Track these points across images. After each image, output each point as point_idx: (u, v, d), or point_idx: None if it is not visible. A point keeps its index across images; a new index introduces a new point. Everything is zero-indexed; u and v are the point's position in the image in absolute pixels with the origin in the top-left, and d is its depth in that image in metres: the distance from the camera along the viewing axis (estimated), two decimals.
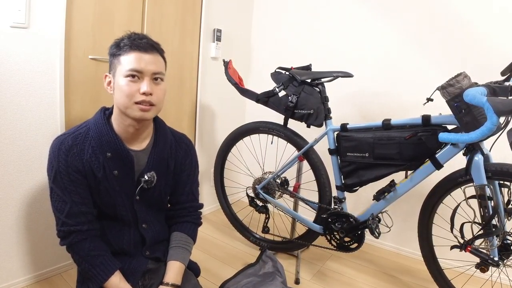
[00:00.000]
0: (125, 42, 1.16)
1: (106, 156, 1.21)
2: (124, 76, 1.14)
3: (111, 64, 1.20)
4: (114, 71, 1.18)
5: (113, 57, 1.18)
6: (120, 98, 1.15)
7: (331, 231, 1.92)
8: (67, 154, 1.17)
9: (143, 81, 1.15)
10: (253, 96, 2.06)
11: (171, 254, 1.34)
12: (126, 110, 1.16)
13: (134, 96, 1.14)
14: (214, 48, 2.72)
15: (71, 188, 1.18)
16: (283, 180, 2.16)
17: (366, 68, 2.45)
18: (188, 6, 2.47)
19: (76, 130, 1.22)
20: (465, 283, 1.85)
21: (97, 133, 1.20)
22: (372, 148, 1.69)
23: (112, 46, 1.20)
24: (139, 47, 1.15)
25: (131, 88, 1.14)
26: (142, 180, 1.27)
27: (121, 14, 2.02)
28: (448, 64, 2.13)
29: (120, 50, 1.16)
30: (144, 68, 1.15)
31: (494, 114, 1.20)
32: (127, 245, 1.32)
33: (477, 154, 1.48)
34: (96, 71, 1.94)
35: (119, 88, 1.15)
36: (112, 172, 1.23)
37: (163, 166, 1.35)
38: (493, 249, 1.51)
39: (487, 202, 1.47)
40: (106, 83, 1.22)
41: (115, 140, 1.21)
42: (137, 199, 1.30)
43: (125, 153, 1.23)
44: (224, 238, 2.50)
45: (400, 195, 1.72)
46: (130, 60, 1.14)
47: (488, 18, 2.02)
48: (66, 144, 1.18)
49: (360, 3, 2.49)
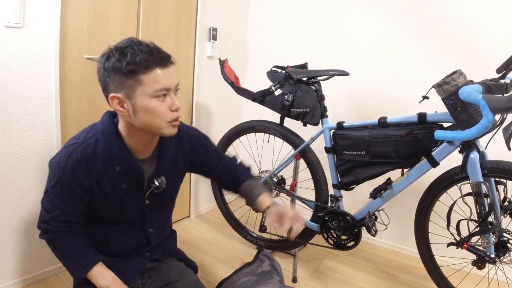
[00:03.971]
0: (143, 57, 1.01)
1: (114, 170, 1.16)
2: (152, 96, 1.04)
3: (120, 82, 1.04)
4: (131, 91, 1.04)
5: (124, 75, 1.02)
6: (150, 120, 1.07)
7: (328, 230, 1.92)
8: (74, 167, 1.10)
9: (169, 96, 1.08)
10: (249, 95, 2.06)
11: (256, 192, 1.37)
12: (158, 130, 1.10)
13: (166, 115, 1.08)
14: (210, 47, 2.71)
15: (67, 199, 1.14)
16: (279, 178, 2.16)
17: (362, 66, 2.45)
18: (183, 5, 2.46)
19: (85, 139, 1.14)
20: (462, 280, 1.85)
21: (106, 145, 1.13)
22: (368, 146, 1.70)
23: (114, 61, 1.02)
24: (161, 62, 1.05)
25: (162, 108, 1.06)
26: (153, 186, 1.24)
27: (116, 14, 2.01)
28: (444, 62, 2.13)
29: (139, 67, 1.01)
30: (172, 84, 1.08)
31: (489, 112, 1.21)
32: (128, 248, 1.31)
33: (473, 152, 1.48)
34: (91, 71, 1.92)
35: (147, 110, 1.05)
36: (121, 185, 1.19)
37: (172, 168, 1.31)
38: (490, 246, 1.52)
39: (483, 199, 1.48)
40: (117, 104, 1.07)
41: (127, 155, 1.15)
42: (147, 203, 1.28)
43: (136, 168, 1.18)
44: (221, 237, 2.50)
45: (396, 193, 1.73)
46: (156, 79, 1.03)
47: (484, 15, 2.03)
48: (74, 156, 1.10)
49: (356, 1, 2.48)
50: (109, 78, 1.04)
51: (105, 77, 1.05)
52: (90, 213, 1.23)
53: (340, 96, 2.52)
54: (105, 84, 1.06)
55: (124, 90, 1.04)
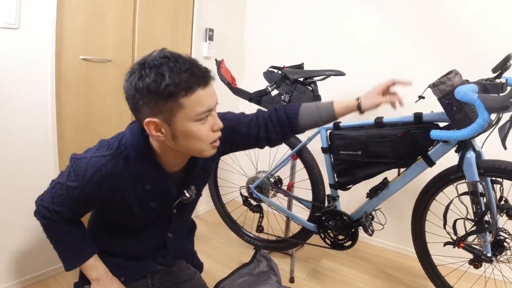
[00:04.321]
0: (183, 78, 0.89)
1: (144, 189, 1.09)
2: (194, 120, 0.94)
3: (156, 106, 0.91)
4: (170, 116, 0.92)
5: (162, 98, 0.90)
6: (191, 144, 0.99)
7: (325, 229, 1.92)
8: (101, 182, 1.02)
9: (210, 115, 0.99)
10: (246, 95, 2.05)
11: (324, 107, 1.30)
12: (200, 153, 1.03)
13: (208, 137, 1.00)
14: (207, 48, 2.71)
15: (80, 205, 1.09)
16: (276, 179, 2.16)
17: (359, 66, 2.45)
18: (180, 5, 2.47)
19: (116, 153, 1.04)
20: (458, 279, 1.85)
21: (138, 163, 1.04)
22: (365, 146, 1.70)
23: (150, 81, 0.89)
24: (203, 81, 0.93)
25: (205, 130, 0.98)
26: (184, 198, 1.18)
27: (112, 14, 2.01)
28: (443, 61, 2.13)
29: (175, 88, 0.88)
30: (214, 103, 0.99)
31: (485, 111, 1.21)
32: (144, 251, 1.28)
33: (469, 151, 1.49)
34: (87, 72, 1.94)
35: (189, 135, 0.96)
36: (149, 204, 1.13)
37: (202, 175, 1.25)
38: (486, 245, 1.52)
39: (480, 199, 1.48)
40: (153, 129, 0.96)
41: (159, 175, 1.09)
42: (174, 212, 1.23)
43: (168, 188, 1.13)
44: (219, 238, 2.50)
45: (393, 192, 1.73)
46: (199, 101, 0.92)
47: (484, 15, 2.03)
48: (103, 171, 1.01)
49: (355, 1, 2.49)
50: (142, 101, 0.92)
51: (138, 99, 0.92)
52: (108, 218, 1.21)
53: (337, 96, 2.48)
54: (137, 106, 0.94)
55: (162, 115, 0.92)
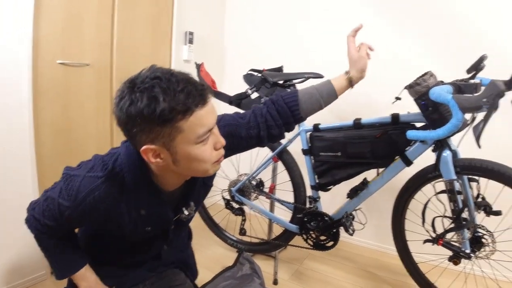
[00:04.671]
0: (179, 100, 0.82)
1: (139, 214, 1.04)
2: (196, 143, 0.89)
3: (152, 133, 0.85)
4: (168, 141, 0.86)
5: (158, 124, 0.83)
6: (194, 167, 0.94)
7: (307, 231, 1.93)
8: (93, 205, 0.97)
9: (212, 134, 0.93)
10: (226, 99, 2.05)
11: (321, 89, 1.31)
12: (204, 174, 0.97)
13: (211, 157, 0.94)
14: (187, 51, 2.71)
15: (71, 222, 1.05)
16: (258, 181, 2.17)
17: (337, 68, 2.46)
18: (159, 9, 2.45)
19: (111, 175, 0.97)
20: (439, 276, 1.88)
21: (133, 185, 0.98)
22: (344, 147, 1.71)
23: (143, 106, 0.81)
24: (201, 101, 0.86)
25: (208, 151, 0.92)
26: (182, 216, 1.15)
27: (90, 18, 1.99)
28: (417, 63, 2.16)
29: (171, 114, 0.82)
30: (214, 122, 0.93)
31: (459, 111, 1.24)
32: (137, 262, 1.27)
33: (445, 150, 1.51)
34: (65, 77, 1.91)
35: (192, 158, 0.90)
36: (144, 229, 1.09)
37: (202, 190, 1.22)
38: (465, 242, 1.55)
39: (457, 197, 1.51)
40: (152, 156, 0.89)
41: (156, 200, 1.05)
42: (172, 228, 1.19)
43: (165, 214, 1.10)
44: (202, 241, 2.48)
45: (372, 192, 1.75)
46: (199, 123, 0.86)
47: (462, 15, 2.08)
48: (96, 194, 0.96)
49: (332, 5, 2.52)
50: (137, 128, 0.84)
51: (131, 126, 0.85)
52: (102, 234, 1.18)
53: None
54: (131, 133, 0.87)
55: (159, 140, 0.86)
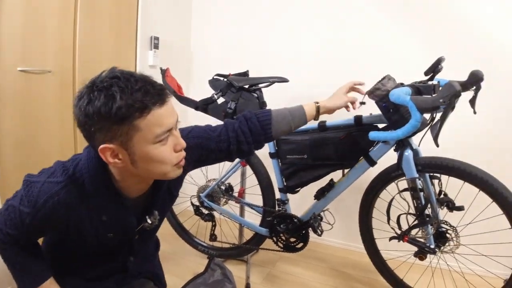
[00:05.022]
0: (136, 98, 0.82)
1: (101, 219, 1.02)
2: (153, 143, 0.88)
3: (110, 131, 0.84)
4: (126, 140, 0.86)
5: (115, 123, 0.83)
6: (153, 168, 0.92)
7: (277, 233, 1.94)
8: (52, 211, 0.95)
9: (171, 136, 0.92)
10: (192, 104, 2.04)
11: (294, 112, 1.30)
12: (164, 176, 0.96)
13: (171, 159, 0.93)
14: (152, 56, 2.67)
15: (33, 230, 1.03)
16: (227, 186, 2.16)
17: (302, 73, 2.51)
18: (123, 14, 2.41)
19: (70, 180, 0.96)
20: (407, 272, 1.92)
21: (93, 190, 0.97)
22: (310, 150, 1.74)
23: (100, 105, 0.81)
24: (159, 99, 0.87)
25: (167, 152, 0.91)
26: (145, 225, 1.11)
27: (51, 23, 1.93)
28: (377, 65, 2.22)
29: (128, 111, 0.82)
30: (173, 122, 0.92)
31: (417, 112, 1.28)
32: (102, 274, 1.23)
33: (406, 150, 1.55)
34: (26, 84, 1.85)
35: (150, 158, 0.89)
36: (106, 235, 1.06)
37: (167, 198, 1.20)
38: (429, 237, 1.60)
39: (419, 194, 1.55)
40: (110, 156, 0.89)
41: (118, 206, 1.02)
42: (136, 238, 1.16)
43: (128, 220, 1.07)
44: (172, 249, 2.45)
45: (339, 192, 1.78)
46: (157, 122, 0.86)
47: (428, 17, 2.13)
48: (55, 199, 0.94)
49: (297, 10, 2.56)
50: (94, 127, 0.84)
51: (89, 125, 0.84)
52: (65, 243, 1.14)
53: (283, 102, 2.52)
54: (90, 133, 0.86)
55: (117, 139, 0.86)
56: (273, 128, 1.25)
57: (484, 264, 1.92)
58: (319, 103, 1.35)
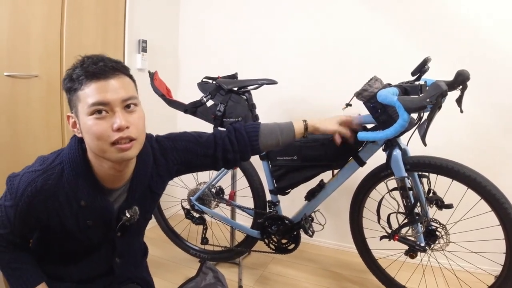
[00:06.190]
0: (78, 72, 0.93)
1: (79, 205, 1.03)
2: (88, 114, 0.92)
3: (70, 102, 0.98)
4: (76, 109, 0.96)
5: (70, 93, 0.96)
6: (92, 142, 0.95)
7: (268, 235, 1.94)
8: (31, 199, 0.98)
9: (114, 114, 0.93)
10: (181, 107, 2.03)
11: (283, 129, 1.33)
12: (103, 154, 0.96)
13: (108, 136, 0.93)
14: (140, 60, 2.66)
15: (18, 225, 1.04)
16: (218, 189, 2.16)
17: (291, 75, 2.53)
18: (110, 17, 2.40)
19: (49, 168, 1.01)
20: (398, 270, 1.93)
21: (72, 176, 1.01)
22: (299, 151, 1.74)
23: (65, 79, 0.97)
24: (97, 74, 0.93)
25: (101, 127, 0.92)
26: (124, 218, 1.11)
27: (37, 28, 1.92)
28: (364, 66, 2.24)
29: (75, 84, 0.93)
30: (111, 98, 0.93)
31: (404, 112, 1.28)
32: (88, 276, 1.22)
33: (395, 149, 1.56)
34: (12, 89, 1.84)
35: (87, 130, 0.94)
36: (86, 222, 1.07)
37: (147, 195, 1.20)
38: (419, 235, 1.61)
39: (408, 193, 1.56)
40: (71, 125, 1.00)
41: (94, 189, 1.04)
42: (118, 235, 1.16)
43: (104, 204, 1.07)
44: (164, 254, 2.44)
45: (329, 193, 1.79)
46: (90, 94, 0.92)
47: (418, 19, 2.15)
48: (33, 187, 0.98)
49: (285, 13, 2.58)
50: (68, 100, 1.00)
51: (67, 99, 1.00)
52: (50, 241, 1.15)
53: (272, 104, 2.57)
54: (69, 107, 1.01)
55: (72, 108, 0.98)
56: (260, 141, 1.30)
57: (474, 261, 1.95)
58: (307, 121, 1.37)
